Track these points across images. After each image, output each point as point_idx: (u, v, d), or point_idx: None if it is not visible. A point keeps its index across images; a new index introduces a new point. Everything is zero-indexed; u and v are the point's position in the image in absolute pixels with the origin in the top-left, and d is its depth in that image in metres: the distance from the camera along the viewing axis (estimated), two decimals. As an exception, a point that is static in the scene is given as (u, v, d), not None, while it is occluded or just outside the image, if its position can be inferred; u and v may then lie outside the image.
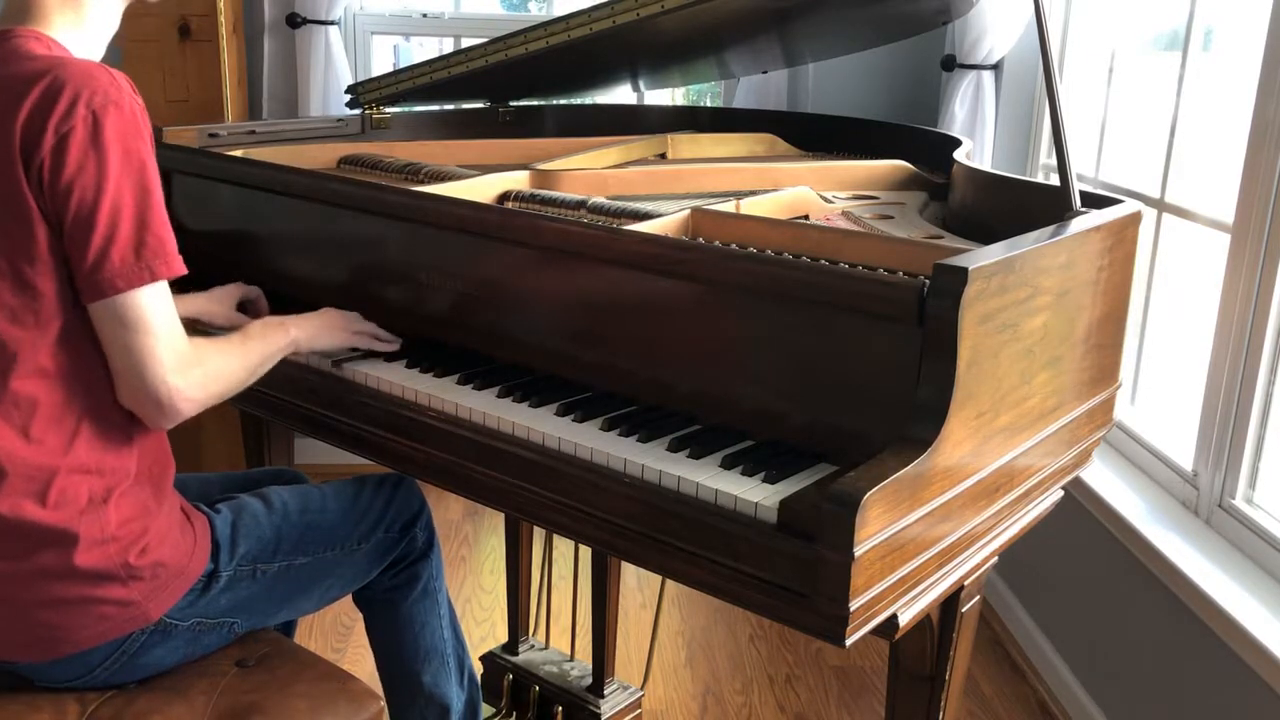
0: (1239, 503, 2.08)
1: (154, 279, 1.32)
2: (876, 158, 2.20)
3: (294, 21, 3.34)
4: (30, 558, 1.35)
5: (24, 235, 1.31)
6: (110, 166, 1.29)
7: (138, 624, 1.42)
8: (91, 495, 1.37)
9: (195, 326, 1.76)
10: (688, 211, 1.69)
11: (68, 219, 1.30)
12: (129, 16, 1.51)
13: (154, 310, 1.33)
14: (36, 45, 1.37)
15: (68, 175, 1.28)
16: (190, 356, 1.37)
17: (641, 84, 2.96)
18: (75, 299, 1.34)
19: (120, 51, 3.00)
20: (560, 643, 2.46)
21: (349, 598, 1.73)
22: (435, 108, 2.70)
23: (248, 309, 1.84)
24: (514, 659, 2.35)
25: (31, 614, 1.37)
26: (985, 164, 3.03)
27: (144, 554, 1.40)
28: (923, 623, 1.35)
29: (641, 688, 2.33)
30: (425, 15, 3.65)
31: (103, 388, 1.37)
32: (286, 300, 1.83)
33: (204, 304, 1.78)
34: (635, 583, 3.12)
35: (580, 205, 1.80)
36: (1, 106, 1.30)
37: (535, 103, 2.74)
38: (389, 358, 1.65)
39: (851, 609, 1.12)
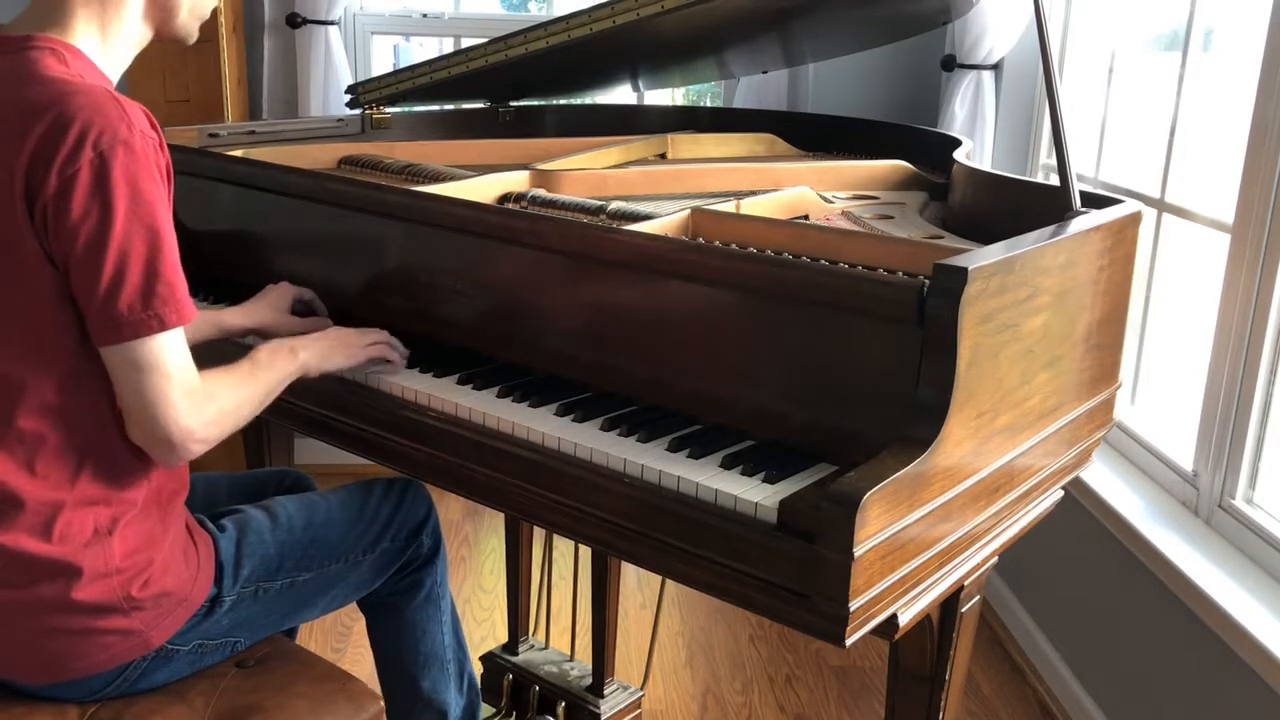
0: (1239, 503, 2.08)
1: (163, 328, 1.28)
2: (876, 158, 2.19)
3: (294, 21, 3.34)
4: (32, 588, 1.33)
5: (29, 275, 1.27)
6: (116, 212, 1.24)
7: (139, 651, 1.40)
8: (97, 527, 1.35)
9: (255, 336, 1.69)
10: (688, 211, 1.69)
11: (73, 265, 1.26)
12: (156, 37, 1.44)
13: (166, 353, 1.29)
14: (53, 63, 1.31)
15: (72, 221, 1.24)
16: (202, 394, 1.33)
17: (641, 84, 2.96)
18: (82, 338, 1.31)
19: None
20: (560, 643, 2.46)
21: (350, 599, 1.72)
22: (435, 108, 2.71)
23: (309, 309, 1.77)
24: (514, 659, 2.35)
25: (33, 642, 1.36)
26: (985, 164, 3.03)
27: (147, 585, 1.38)
28: (923, 623, 1.35)
29: (641, 688, 2.33)
30: (425, 15, 3.65)
31: (109, 425, 1.34)
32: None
33: (263, 314, 1.71)
34: (635, 583, 3.12)
35: (581, 206, 1.80)
36: (6, 134, 1.25)
37: (535, 103, 2.74)
38: (389, 357, 1.65)
39: (851, 609, 1.12)
